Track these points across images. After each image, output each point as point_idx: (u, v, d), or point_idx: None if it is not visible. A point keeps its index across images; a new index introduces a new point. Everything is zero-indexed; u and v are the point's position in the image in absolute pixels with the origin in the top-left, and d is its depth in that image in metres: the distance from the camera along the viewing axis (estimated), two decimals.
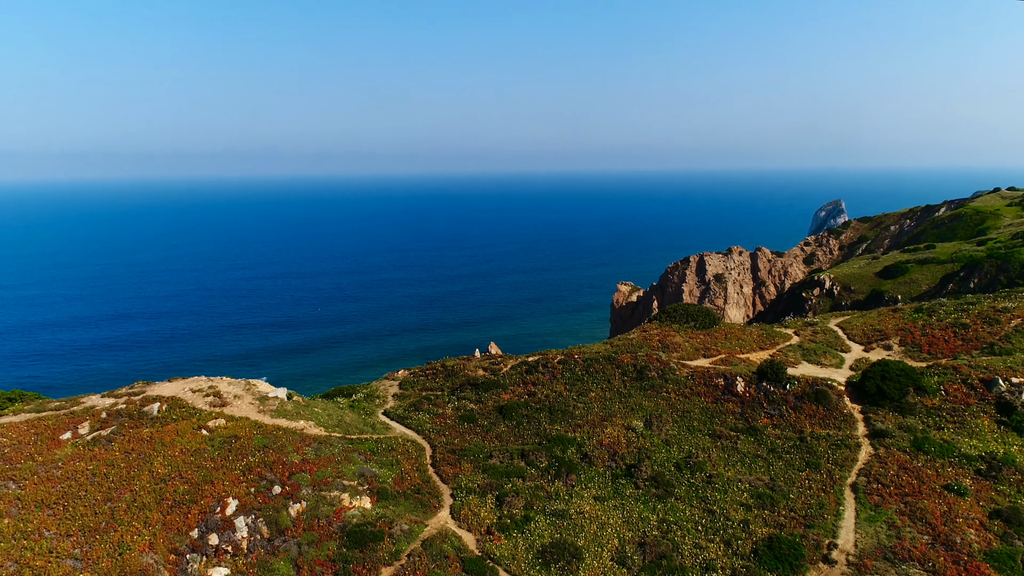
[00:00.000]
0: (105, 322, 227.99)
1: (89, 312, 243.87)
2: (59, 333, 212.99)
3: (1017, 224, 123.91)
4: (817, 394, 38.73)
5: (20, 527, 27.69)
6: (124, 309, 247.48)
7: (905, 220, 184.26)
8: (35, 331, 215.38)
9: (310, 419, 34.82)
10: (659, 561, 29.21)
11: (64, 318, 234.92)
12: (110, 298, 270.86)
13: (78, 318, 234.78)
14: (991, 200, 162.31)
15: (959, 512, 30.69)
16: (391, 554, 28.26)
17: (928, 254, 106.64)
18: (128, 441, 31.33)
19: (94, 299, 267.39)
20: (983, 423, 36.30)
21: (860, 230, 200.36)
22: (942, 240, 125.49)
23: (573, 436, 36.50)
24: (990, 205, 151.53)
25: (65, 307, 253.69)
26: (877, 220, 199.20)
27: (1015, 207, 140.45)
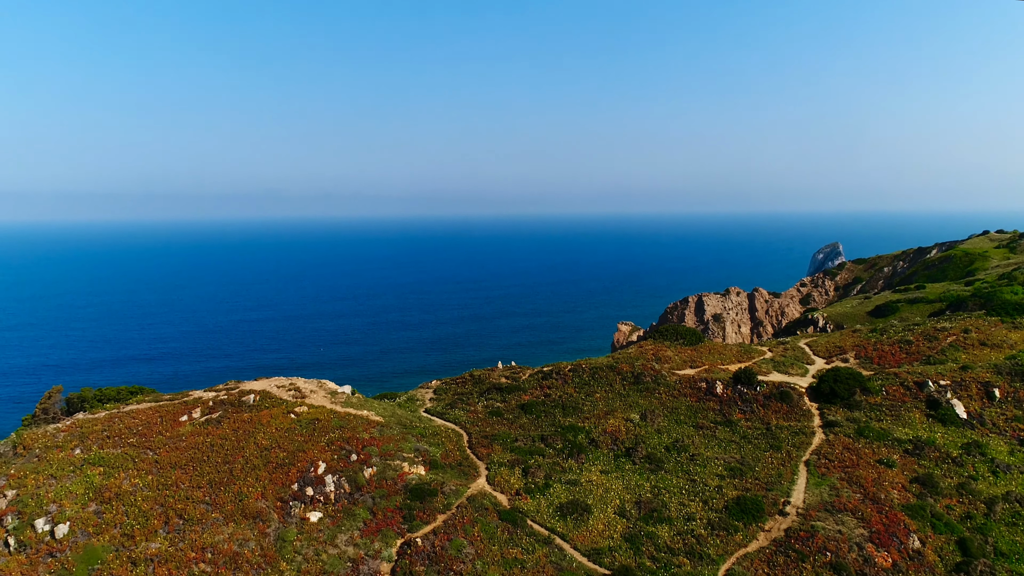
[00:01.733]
0: (108, 364, 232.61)
1: (91, 353, 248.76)
2: (54, 376, 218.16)
3: (1004, 265, 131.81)
4: (782, 394, 47.45)
5: (161, 481, 36.30)
6: (126, 351, 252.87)
7: (898, 262, 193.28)
8: (37, 371, 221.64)
9: (371, 410, 43.40)
10: (651, 514, 37.65)
11: (64, 357, 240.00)
12: (112, 338, 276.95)
13: (78, 359, 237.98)
14: (980, 242, 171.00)
15: (886, 479, 39.25)
16: (444, 505, 36.73)
17: (918, 294, 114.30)
18: (233, 422, 40.00)
19: (96, 340, 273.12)
20: (915, 415, 45.04)
21: (855, 271, 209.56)
22: (933, 281, 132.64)
23: (582, 426, 45.05)
24: (979, 247, 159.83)
25: (66, 346, 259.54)
26: (871, 262, 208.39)
27: (1002, 249, 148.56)
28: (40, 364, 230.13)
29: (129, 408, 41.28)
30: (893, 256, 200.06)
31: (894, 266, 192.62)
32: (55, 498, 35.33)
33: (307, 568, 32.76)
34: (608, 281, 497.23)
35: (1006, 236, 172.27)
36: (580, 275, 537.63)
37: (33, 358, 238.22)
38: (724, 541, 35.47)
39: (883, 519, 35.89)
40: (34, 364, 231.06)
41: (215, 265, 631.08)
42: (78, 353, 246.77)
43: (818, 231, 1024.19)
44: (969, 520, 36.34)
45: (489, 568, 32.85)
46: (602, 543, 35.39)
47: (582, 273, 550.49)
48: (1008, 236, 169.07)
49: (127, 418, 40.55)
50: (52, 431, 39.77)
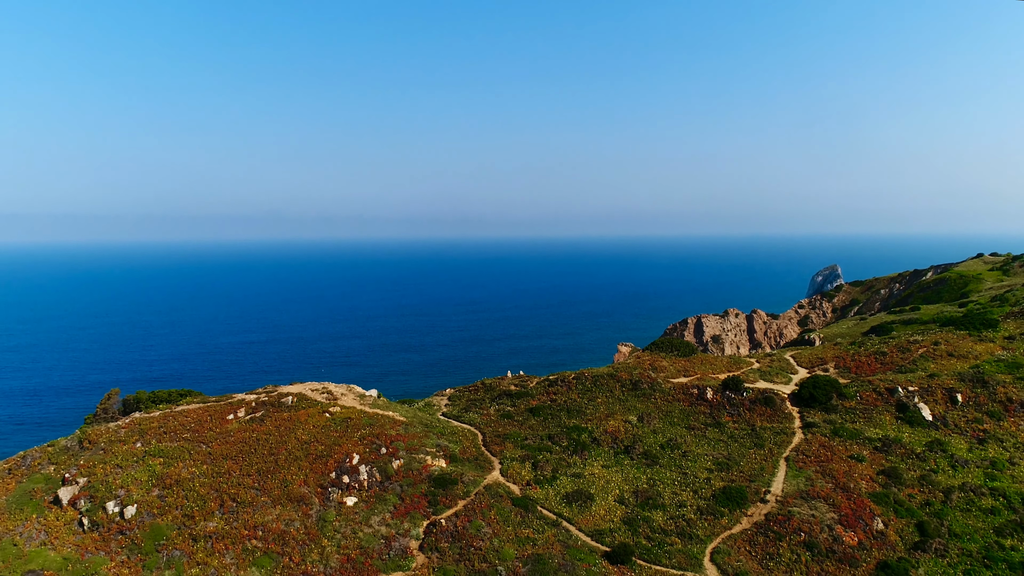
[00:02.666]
0: (108, 386, 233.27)
1: (92, 375, 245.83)
2: (54, 396, 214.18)
3: (997, 287, 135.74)
4: (766, 399, 52.43)
5: (215, 470, 41.24)
6: (127, 372, 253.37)
7: (894, 284, 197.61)
8: (39, 393, 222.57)
9: (395, 412, 48.30)
10: (647, 501, 42.50)
11: (64, 379, 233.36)
12: (113, 360, 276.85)
13: (79, 381, 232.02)
14: (974, 265, 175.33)
15: (856, 471, 44.16)
16: (464, 493, 41.60)
17: (912, 315, 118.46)
18: (275, 420, 44.97)
19: (98, 362, 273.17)
20: (885, 417, 50.02)
21: (852, 293, 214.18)
22: (928, 303, 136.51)
23: (585, 427, 49.93)
24: (973, 270, 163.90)
25: (65, 368, 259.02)
26: (868, 284, 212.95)
27: (996, 271, 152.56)
28: (41, 386, 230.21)
29: (180, 408, 46.29)
30: (890, 278, 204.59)
31: (891, 288, 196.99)
32: (122, 484, 40.29)
33: (345, 544, 37.60)
34: (608, 303, 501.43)
35: (999, 259, 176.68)
36: (580, 297, 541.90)
37: (33, 380, 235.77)
38: (711, 524, 40.32)
39: (851, 505, 40.78)
40: (35, 386, 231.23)
41: (215, 286, 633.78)
42: (78, 375, 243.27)
43: (817, 253, 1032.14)
44: (928, 506, 41.21)
45: (505, 544, 37.68)
46: (603, 525, 40.21)
47: (582, 295, 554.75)
48: (1002, 259, 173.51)
49: (180, 416, 45.56)
50: (114, 428, 44.75)
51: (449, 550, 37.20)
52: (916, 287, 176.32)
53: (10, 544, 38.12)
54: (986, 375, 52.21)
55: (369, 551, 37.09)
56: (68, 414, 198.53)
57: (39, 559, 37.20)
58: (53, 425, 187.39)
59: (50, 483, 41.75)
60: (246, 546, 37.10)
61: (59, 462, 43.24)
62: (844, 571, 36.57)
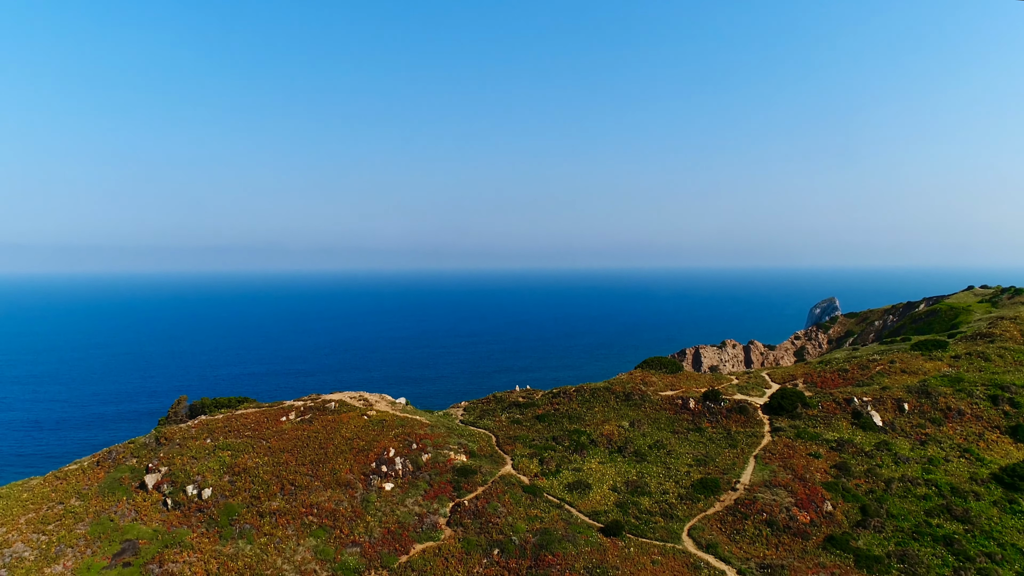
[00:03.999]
0: (108, 419, 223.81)
1: (93, 407, 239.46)
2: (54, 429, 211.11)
3: (986, 319, 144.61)
4: (740, 408, 60.64)
5: (275, 460, 49.38)
6: (128, 405, 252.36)
7: (888, 316, 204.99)
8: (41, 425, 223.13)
9: (421, 416, 56.48)
10: (636, 490, 50.55)
11: (63, 413, 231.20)
12: (114, 391, 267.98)
13: (77, 414, 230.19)
14: (965, 297, 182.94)
15: (813, 465, 52.25)
16: (482, 481, 49.64)
17: (903, 346, 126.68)
18: (321, 422, 53.16)
19: (100, 392, 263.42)
20: (842, 423, 58.21)
21: (847, 325, 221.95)
22: (919, 333, 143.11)
23: (584, 430, 58.03)
24: (963, 302, 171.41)
25: (65, 400, 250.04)
26: (863, 316, 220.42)
27: (985, 303, 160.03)
28: (41, 418, 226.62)
29: (240, 411, 54.50)
30: (883, 310, 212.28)
31: (884, 320, 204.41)
32: (198, 472, 48.48)
33: (386, 519, 45.63)
34: (607, 335, 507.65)
35: (989, 291, 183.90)
36: (579, 329, 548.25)
37: (33, 412, 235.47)
38: (689, 507, 48.31)
39: (807, 491, 48.86)
40: (36, 418, 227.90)
41: (216, 317, 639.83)
42: (77, 409, 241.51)
43: (816, 286, 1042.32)
44: (871, 493, 49.22)
45: (517, 521, 45.69)
46: (599, 508, 48.18)
47: (581, 327, 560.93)
48: (991, 291, 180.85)
49: (240, 418, 53.80)
50: (185, 427, 52.98)
51: (471, 525, 45.21)
52: (908, 319, 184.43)
53: (107, 520, 46.21)
54: (931, 388, 60.58)
55: (405, 525, 45.13)
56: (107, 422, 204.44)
57: (132, 531, 45.27)
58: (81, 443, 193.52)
59: (135, 472, 49.88)
60: (304, 521, 45.16)
61: (140, 455, 51.38)
62: (798, 543, 44.56)
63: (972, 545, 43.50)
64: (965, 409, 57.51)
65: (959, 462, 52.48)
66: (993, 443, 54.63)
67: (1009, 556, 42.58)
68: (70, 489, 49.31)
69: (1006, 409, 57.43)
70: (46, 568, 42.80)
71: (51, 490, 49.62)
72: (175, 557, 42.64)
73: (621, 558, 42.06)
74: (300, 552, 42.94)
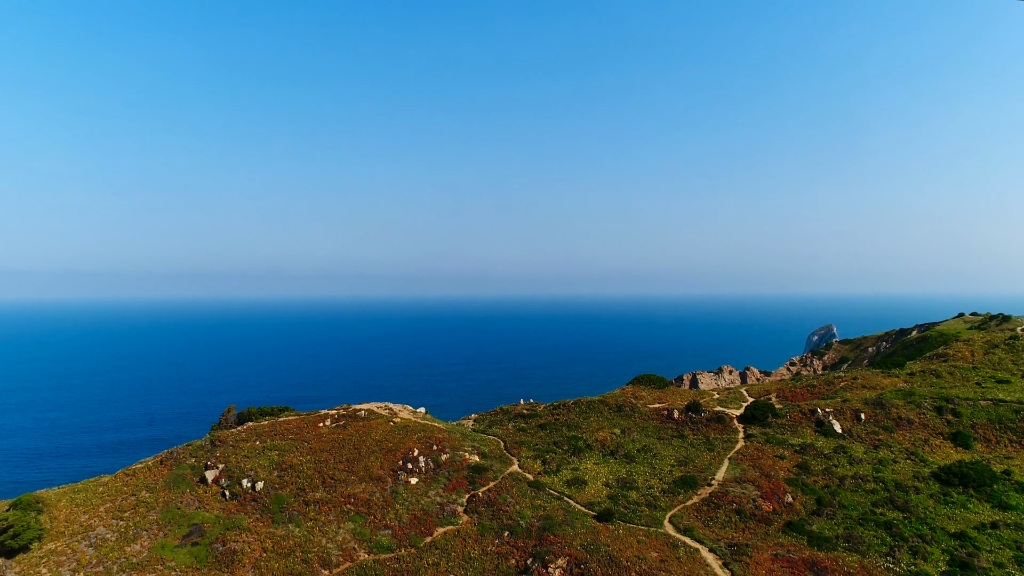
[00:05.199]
0: (109, 446, 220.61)
1: (95, 435, 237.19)
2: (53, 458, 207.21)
3: None
4: (719, 418, 69.01)
5: (316, 459, 57.64)
6: (128, 433, 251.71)
7: (881, 342, 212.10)
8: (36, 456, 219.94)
9: (439, 424, 64.72)
10: (626, 485, 58.70)
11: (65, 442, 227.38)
12: (113, 418, 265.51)
13: (78, 442, 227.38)
14: (955, 324, 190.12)
15: (779, 465, 60.50)
16: (493, 477, 57.79)
17: (894, 371, 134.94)
18: (354, 427, 61.46)
19: (100, 420, 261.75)
20: (806, 430, 66.57)
21: (841, 351, 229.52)
22: (910, 359, 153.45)
23: (581, 436, 66.26)
24: (954, 328, 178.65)
25: (63, 428, 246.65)
26: (857, 342, 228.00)
27: (975, 330, 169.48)
28: (40, 446, 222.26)
29: (282, 419, 62.87)
30: (877, 337, 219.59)
31: (878, 346, 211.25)
32: (251, 468, 56.78)
33: (412, 508, 53.81)
34: (606, 362, 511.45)
35: (979, 318, 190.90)
36: (578, 355, 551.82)
37: (31, 442, 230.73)
38: (671, 499, 56.45)
39: (771, 486, 57.13)
40: (31, 447, 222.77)
41: (215, 343, 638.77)
42: (79, 436, 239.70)
43: (814, 313, 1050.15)
44: (826, 488, 57.42)
45: (524, 509, 53.88)
46: (594, 500, 56.33)
47: (580, 353, 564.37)
48: (980, 318, 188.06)
49: (283, 424, 62.18)
50: (236, 432, 61.34)
51: (485, 512, 53.39)
52: (900, 345, 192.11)
53: (175, 508, 54.39)
54: (885, 400, 69.06)
55: (429, 512, 53.33)
56: None
57: (197, 517, 53.46)
58: None
59: (195, 469, 58.13)
60: (343, 509, 53.37)
61: (198, 455, 59.68)
62: (761, 527, 52.72)
63: (908, 529, 51.69)
64: (914, 418, 66.02)
65: (905, 463, 60.83)
66: (936, 447, 63.03)
67: (937, 537, 50.78)
68: (139, 484, 57.54)
69: (949, 418, 65.92)
70: (126, 547, 50.94)
71: (123, 484, 57.83)
72: (235, 538, 50.81)
73: (612, 538, 50.19)
74: (341, 534, 51.14)
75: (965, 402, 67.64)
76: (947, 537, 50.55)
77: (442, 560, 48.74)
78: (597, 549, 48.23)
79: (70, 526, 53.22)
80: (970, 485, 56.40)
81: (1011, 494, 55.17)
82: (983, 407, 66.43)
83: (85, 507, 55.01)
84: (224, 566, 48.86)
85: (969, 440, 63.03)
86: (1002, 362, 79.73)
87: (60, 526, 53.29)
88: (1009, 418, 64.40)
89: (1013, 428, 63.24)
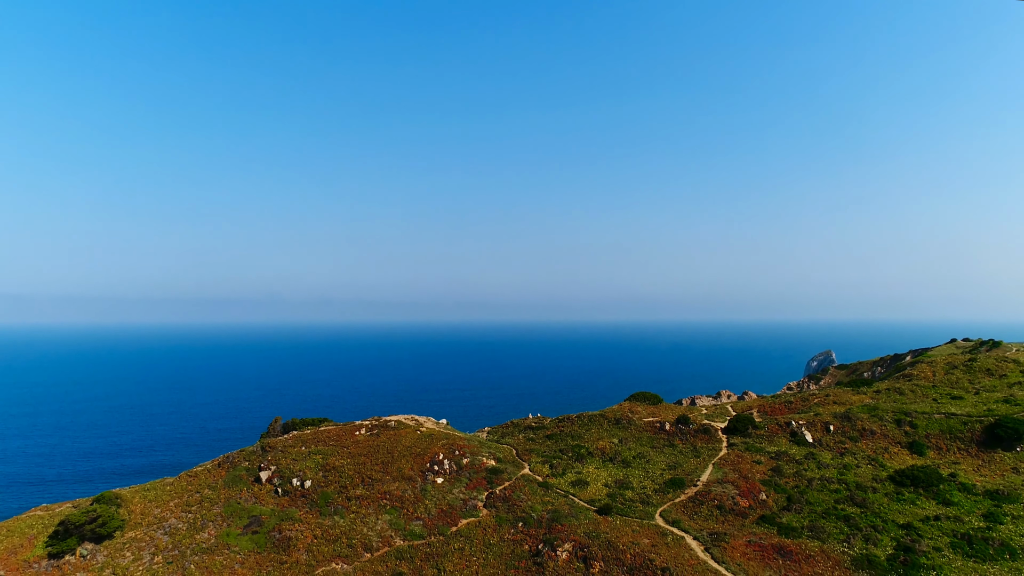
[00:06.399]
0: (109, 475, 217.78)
1: (99, 461, 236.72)
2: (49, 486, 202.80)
3: None
4: (705, 430, 78.07)
5: (355, 462, 66.69)
6: (134, 459, 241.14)
7: (876, 367, 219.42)
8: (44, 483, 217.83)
9: (459, 433, 73.75)
10: (622, 486, 67.57)
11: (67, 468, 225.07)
12: (116, 444, 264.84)
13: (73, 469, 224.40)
14: (947, 349, 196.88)
15: (755, 468, 69.47)
16: (508, 478, 66.71)
17: (862, 389, 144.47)
18: (386, 435, 70.52)
19: (108, 449, 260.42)
20: (782, 440, 75.59)
21: (837, 375, 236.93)
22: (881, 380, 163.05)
23: (584, 445, 75.23)
24: (945, 353, 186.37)
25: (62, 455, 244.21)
26: (852, 367, 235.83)
27: (966, 355, 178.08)
28: (43, 473, 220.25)
29: (322, 428, 72.00)
30: (872, 362, 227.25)
31: (873, 371, 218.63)
32: (299, 469, 65.80)
33: (439, 503, 62.70)
34: (605, 387, 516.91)
35: (970, 344, 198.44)
36: (576, 381, 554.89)
37: (31, 467, 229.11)
38: (661, 497, 65.35)
39: (748, 486, 66.10)
40: (37, 472, 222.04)
41: (216, 368, 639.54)
42: (76, 462, 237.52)
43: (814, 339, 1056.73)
44: (796, 488, 66.32)
45: (535, 504, 62.77)
46: (595, 497, 65.21)
47: (580, 379, 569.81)
48: (972, 344, 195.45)
49: (323, 433, 71.30)
50: (283, 439, 70.44)
51: (501, 507, 62.33)
52: (894, 369, 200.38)
53: (235, 503, 63.35)
54: (852, 414, 78.20)
55: (454, 506, 62.28)
56: None
57: (255, 510, 62.40)
58: None
59: (249, 471, 67.11)
60: (380, 503, 62.35)
61: (251, 459, 68.76)
62: (738, 520, 61.59)
63: (863, 521, 60.54)
64: (876, 429, 75.14)
65: (866, 467, 69.83)
66: (895, 454, 72.08)
67: (888, 527, 59.62)
68: (202, 483, 66.56)
69: (907, 429, 75.02)
70: (196, 535, 59.83)
71: (187, 484, 66.84)
72: (289, 527, 59.73)
73: (610, 528, 59.08)
74: (379, 524, 60.07)
75: (921, 415, 76.82)
76: (896, 527, 59.44)
77: (466, 546, 57.59)
78: (598, 536, 57.13)
79: (145, 518, 62.13)
80: (920, 485, 65.39)
81: (954, 493, 64.16)
82: (936, 420, 75.61)
83: (157, 502, 63.96)
84: (282, 550, 57.74)
85: (923, 448, 72.11)
86: (959, 381, 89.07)
87: (137, 518, 62.19)
88: (959, 429, 73.54)
89: (961, 438, 72.35)
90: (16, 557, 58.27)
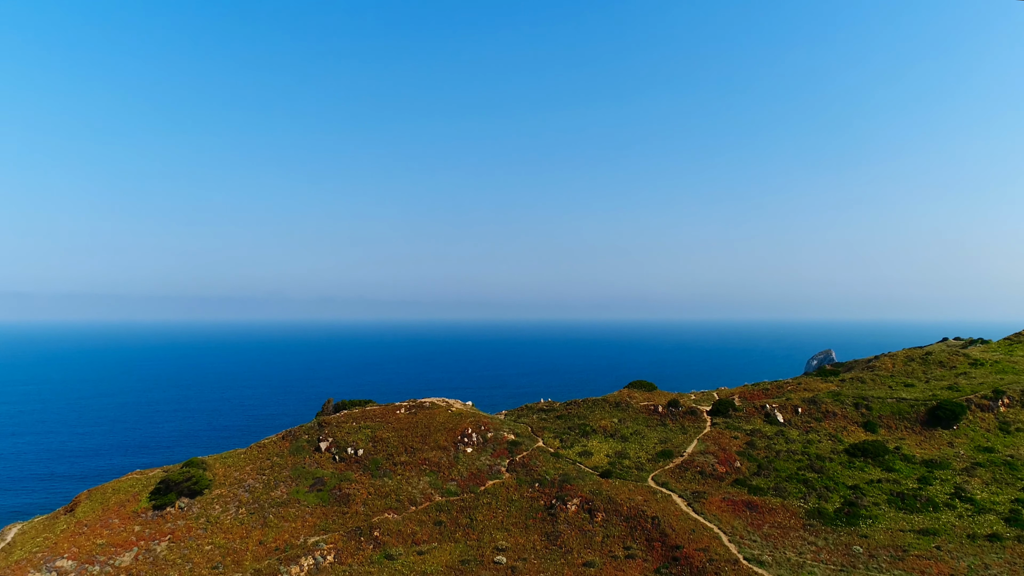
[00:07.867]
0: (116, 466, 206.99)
1: (105, 459, 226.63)
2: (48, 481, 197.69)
3: None
4: (692, 411, 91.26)
5: (398, 435, 79.93)
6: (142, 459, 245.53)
7: None
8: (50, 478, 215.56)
9: (483, 413, 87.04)
10: (621, 456, 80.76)
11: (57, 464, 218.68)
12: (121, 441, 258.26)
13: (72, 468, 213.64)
14: (938, 347, 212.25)
15: (733, 443, 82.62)
16: (526, 449, 79.80)
17: (830, 378, 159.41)
18: (423, 413, 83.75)
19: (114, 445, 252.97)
20: (757, 420, 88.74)
21: None
22: None
23: (589, 424, 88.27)
24: (937, 349, 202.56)
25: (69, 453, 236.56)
26: (848, 365, 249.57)
27: (923, 349, 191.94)
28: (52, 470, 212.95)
29: (368, 407, 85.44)
30: (866, 360, 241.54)
31: None
32: (352, 440, 79.16)
33: (469, 467, 75.92)
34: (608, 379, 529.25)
35: (961, 342, 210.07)
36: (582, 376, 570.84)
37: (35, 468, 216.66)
38: (653, 465, 78.43)
39: (725, 456, 79.31)
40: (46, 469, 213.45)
41: (220, 366, 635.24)
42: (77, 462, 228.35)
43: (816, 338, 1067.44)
44: (766, 458, 79.41)
45: (549, 469, 75.98)
46: (598, 464, 78.17)
47: (584, 373, 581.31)
48: (963, 342, 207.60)
49: (369, 412, 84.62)
50: (336, 416, 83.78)
51: (521, 471, 75.62)
52: (864, 362, 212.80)
53: (301, 467, 76.55)
54: (818, 399, 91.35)
55: (481, 471, 75.58)
56: None
57: (318, 473, 75.73)
58: None
59: (310, 442, 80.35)
60: (420, 468, 75.67)
61: (310, 433, 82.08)
62: (716, 482, 74.78)
63: (819, 483, 73.64)
64: (837, 412, 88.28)
65: (827, 442, 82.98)
66: (852, 432, 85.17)
67: (839, 488, 72.60)
68: (270, 452, 79.92)
69: (863, 411, 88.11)
70: (271, 492, 73.18)
71: (258, 453, 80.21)
72: (348, 486, 73.08)
73: (610, 488, 72.22)
74: (421, 484, 73.43)
75: (876, 400, 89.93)
76: (845, 488, 72.59)
77: (492, 500, 70.84)
78: (600, 493, 70.35)
79: (227, 479, 75.47)
80: (869, 456, 78.56)
81: (897, 462, 77.33)
82: (889, 403, 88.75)
83: (235, 467, 77.30)
84: (342, 504, 71.05)
85: (876, 427, 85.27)
86: (914, 372, 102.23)
87: (220, 479, 75.49)
88: (906, 411, 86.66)
89: (908, 418, 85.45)
90: (126, 508, 71.56)
